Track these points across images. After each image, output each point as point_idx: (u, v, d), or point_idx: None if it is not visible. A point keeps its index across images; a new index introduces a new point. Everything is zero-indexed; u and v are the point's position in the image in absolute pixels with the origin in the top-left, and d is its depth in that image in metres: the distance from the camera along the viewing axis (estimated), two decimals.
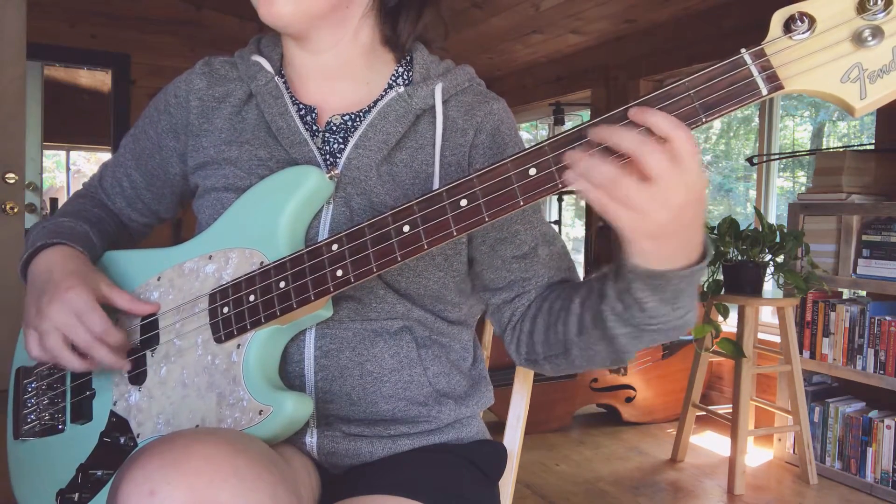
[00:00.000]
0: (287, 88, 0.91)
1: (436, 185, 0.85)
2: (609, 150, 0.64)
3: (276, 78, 0.89)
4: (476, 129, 0.88)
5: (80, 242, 0.91)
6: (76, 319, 0.79)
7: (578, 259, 4.63)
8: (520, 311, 0.88)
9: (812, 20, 0.62)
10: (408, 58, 0.93)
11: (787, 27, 0.62)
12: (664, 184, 0.62)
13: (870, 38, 0.60)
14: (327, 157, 0.87)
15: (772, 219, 3.30)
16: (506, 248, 0.87)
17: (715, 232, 2.63)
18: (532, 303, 0.87)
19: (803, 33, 0.62)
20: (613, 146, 0.64)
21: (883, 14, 0.60)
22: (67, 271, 0.84)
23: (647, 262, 0.68)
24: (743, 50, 0.63)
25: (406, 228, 0.71)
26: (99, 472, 0.84)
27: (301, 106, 0.90)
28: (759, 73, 0.63)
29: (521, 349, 0.88)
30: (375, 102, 0.89)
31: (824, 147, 3.64)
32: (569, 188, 0.67)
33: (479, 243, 0.87)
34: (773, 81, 0.63)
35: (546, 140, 0.67)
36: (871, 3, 0.60)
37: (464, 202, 0.69)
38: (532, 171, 0.67)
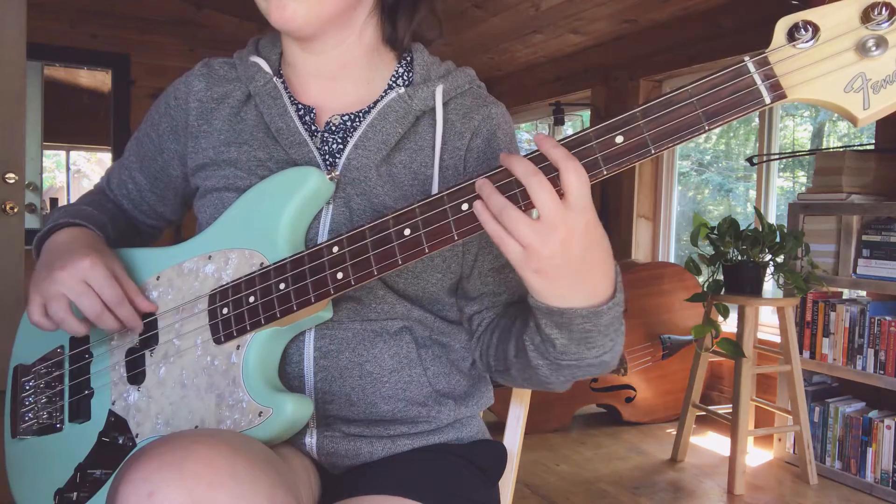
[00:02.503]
0: (286, 89, 0.90)
1: (435, 187, 0.85)
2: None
3: (274, 78, 0.89)
4: (472, 133, 0.88)
5: (100, 229, 0.93)
6: (86, 287, 0.81)
7: None
8: (486, 322, 0.90)
9: (816, 29, 0.61)
10: (408, 58, 0.93)
11: (791, 35, 0.62)
12: (546, 218, 0.63)
13: (874, 48, 0.60)
14: (326, 157, 0.86)
15: (772, 219, 3.29)
16: (485, 259, 0.87)
17: (715, 232, 2.63)
18: (496, 317, 0.89)
19: (807, 42, 0.61)
20: (509, 169, 0.66)
21: (887, 24, 0.60)
22: (87, 245, 0.86)
23: (543, 299, 0.69)
24: (746, 58, 0.63)
25: (407, 232, 0.71)
26: (97, 472, 0.84)
27: (300, 106, 0.89)
28: (763, 81, 0.63)
29: (482, 359, 0.91)
30: (375, 103, 0.89)
31: (824, 147, 3.63)
32: None
33: (466, 251, 0.87)
34: (777, 90, 0.62)
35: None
36: (876, 13, 0.60)
37: (465, 206, 0.69)
38: None
